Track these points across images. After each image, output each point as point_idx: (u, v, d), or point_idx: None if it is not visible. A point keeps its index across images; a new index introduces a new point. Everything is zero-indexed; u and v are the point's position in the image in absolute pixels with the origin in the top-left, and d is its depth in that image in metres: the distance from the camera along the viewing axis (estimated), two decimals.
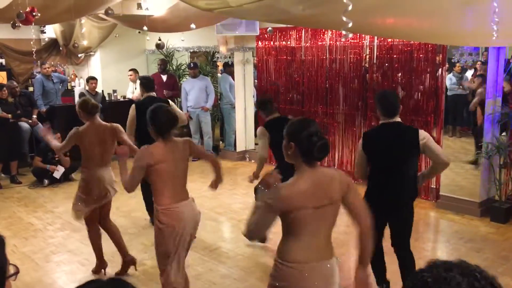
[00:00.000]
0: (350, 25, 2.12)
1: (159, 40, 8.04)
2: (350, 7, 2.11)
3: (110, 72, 10.07)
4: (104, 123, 4.32)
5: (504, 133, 6.23)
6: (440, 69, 6.22)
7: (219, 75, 10.35)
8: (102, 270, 4.46)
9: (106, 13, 5.70)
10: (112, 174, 4.28)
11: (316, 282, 2.27)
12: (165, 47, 9.69)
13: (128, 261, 4.38)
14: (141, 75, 8.29)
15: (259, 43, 8.23)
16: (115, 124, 4.32)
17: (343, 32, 2.20)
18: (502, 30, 3.06)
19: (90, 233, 4.38)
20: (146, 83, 5.66)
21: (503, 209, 5.52)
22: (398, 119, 3.54)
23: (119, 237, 4.41)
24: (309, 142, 2.25)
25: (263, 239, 4.85)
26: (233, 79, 8.84)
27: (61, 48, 9.71)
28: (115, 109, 8.21)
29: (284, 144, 2.35)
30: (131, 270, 4.40)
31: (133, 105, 5.51)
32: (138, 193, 4.74)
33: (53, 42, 9.84)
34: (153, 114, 3.28)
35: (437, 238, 5.52)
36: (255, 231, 2.41)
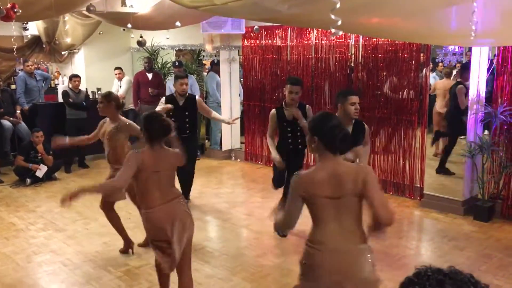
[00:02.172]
0: (339, 23, 2.11)
1: (141, 37, 7.97)
2: (338, 5, 2.11)
3: (94, 70, 9.96)
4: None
5: (486, 132, 6.31)
6: (424, 69, 6.28)
7: (205, 73, 10.31)
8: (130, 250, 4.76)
9: (88, 9, 5.63)
10: None
11: (337, 263, 2.42)
12: (150, 45, 9.63)
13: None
14: None
15: (245, 41, 8.21)
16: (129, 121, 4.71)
17: (332, 31, 2.19)
18: (482, 30, 3.09)
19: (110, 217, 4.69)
20: None
21: (486, 207, 5.58)
22: None
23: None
24: (331, 134, 2.44)
25: (285, 232, 5.00)
26: (220, 78, 8.81)
27: (44, 46, 9.57)
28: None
29: (308, 138, 2.55)
30: (116, 268, 4.36)
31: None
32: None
33: (36, 39, 9.68)
34: (147, 121, 3.30)
35: (421, 237, 5.57)
36: (285, 221, 2.56)
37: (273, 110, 5.06)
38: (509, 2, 3.17)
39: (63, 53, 9.93)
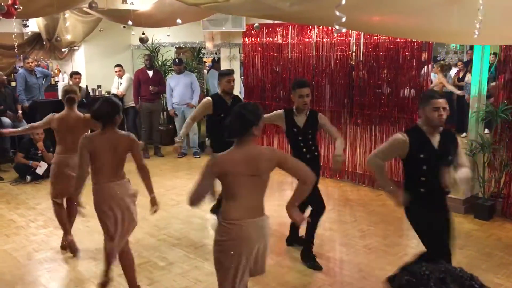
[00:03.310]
0: (343, 19, 2.11)
1: (143, 34, 7.95)
2: (344, 1, 2.11)
3: (94, 67, 9.95)
4: (79, 113, 4.65)
5: (487, 131, 6.30)
6: (425, 67, 6.27)
7: (205, 71, 10.29)
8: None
9: (90, 6, 5.61)
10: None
11: (252, 233, 2.80)
12: (150, 43, 9.61)
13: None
14: None
15: (246, 39, 8.20)
16: (88, 115, 4.52)
17: (336, 27, 2.18)
18: (485, 29, 3.08)
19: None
20: None
21: (487, 206, 5.58)
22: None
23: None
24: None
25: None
26: None
27: (44, 43, 9.55)
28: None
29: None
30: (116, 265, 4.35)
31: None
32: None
33: (36, 36, 9.67)
34: (97, 105, 3.63)
35: None
36: (196, 195, 2.81)
37: (281, 111, 4.59)
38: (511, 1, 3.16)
39: (63, 50, 9.91)
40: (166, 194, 6.60)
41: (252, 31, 7.94)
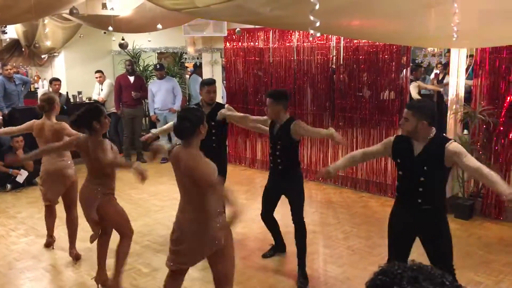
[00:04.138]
0: (317, 24, 2.14)
1: (123, 40, 7.91)
2: (317, 6, 2.13)
3: (75, 73, 9.85)
4: (53, 122, 4.72)
5: (466, 132, 6.42)
6: (404, 70, 6.37)
7: (187, 76, 10.28)
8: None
9: (71, 12, 5.57)
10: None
11: (175, 225, 3.21)
12: (131, 48, 9.57)
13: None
14: None
15: (227, 44, 8.22)
16: (59, 123, 4.74)
17: (311, 32, 2.21)
18: (461, 32, 3.15)
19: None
20: None
21: (467, 205, 5.68)
22: None
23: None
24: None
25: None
26: None
27: (23, 49, 9.43)
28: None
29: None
30: None
31: None
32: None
33: (15, 43, 9.54)
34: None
35: None
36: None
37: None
38: (485, 4, 3.24)
39: (43, 56, 9.79)
40: (149, 200, 6.57)
41: (234, 36, 7.97)
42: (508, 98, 5.40)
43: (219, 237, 3.10)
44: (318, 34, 2.16)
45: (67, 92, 8.90)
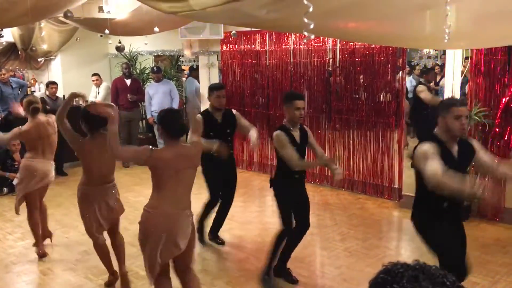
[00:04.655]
0: (311, 26, 2.15)
1: (119, 43, 7.92)
2: (311, 9, 2.15)
3: (71, 76, 9.84)
4: (45, 118, 4.88)
5: None
6: (400, 72, 6.40)
7: (184, 79, 10.29)
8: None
9: (65, 15, 5.56)
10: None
11: (165, 223, 3.16)
12: (128, 51, 9.57)
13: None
14: None
15: (224, 46, 8.24)
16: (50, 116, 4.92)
17: (305, 34, 2.23)
18: (456, 33, 3.17)
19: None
20: None
21: (464, 207, 5.69)
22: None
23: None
24: (172, 125, 3.23)
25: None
26: (199, 83, 8.81)
27: (19, 53, 9.42)
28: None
29: (157, 127, 3.34)
30: (97, 276, 4.30)
31: None
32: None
33: (11, 46, 9.53)
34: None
35: (400, 237, 5.65)
36: (126, 157, 3.93)
37: (280, 132, 3.97)
38: (481, 5, 3.26)
39: (39, 60, 9.79)
40: (146, 202, 6.55)
41: (230, 39, 7.99)
42: (504, 99, 5.43)
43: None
44: (312, 36, 2.17)
45: (63, 96, 8.88)
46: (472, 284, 4.16)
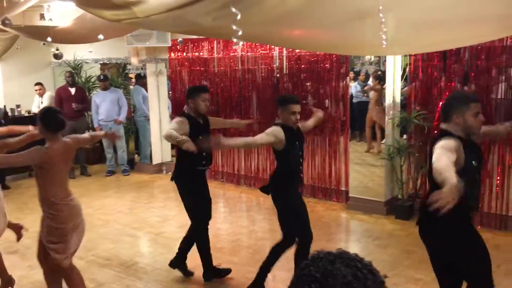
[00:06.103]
0: (240, 33, 2.23)
1: (57, 50, 7.71)
2: (238, 17, 2.23)
3: (12, 85, 9.47)
4: None
5: (404, 136, 6.72)
6: (344, 78, 6.60)
7: (131, 87, 10.14)
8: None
9: (3, 23, 5.38)
10: None
11: (77, 210, 3.73)
12: (72, 59, 9.34)
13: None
14: None
15: (172, 54, 8.20)
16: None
17: (234, 40, 2.30)
18: (394, 40, 3.32)
19: None
20: None
21: (406, 206, 5.94)
22: None
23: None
24: (51, 121, 3.58)
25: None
26: (146, 91, 8.71)
27: None
28: (19, 124, 7.72)
29: (38, 125, 3.66)
30: None
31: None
32: None
33: None
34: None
35: (348, 238, 5.82)
36: (20, 161, 3.70)
37: (279, 128, 4.16)
38: (418, 13, 3.44)
39: None
40: (93, 214, 6.40)
41: (178, 46, 7.96)
42: (441, 103, 5.72)
43: None
44: (241, 43, 2.26)
45: (4, 106, 8.55)
46: (415, 280, 4.34)
